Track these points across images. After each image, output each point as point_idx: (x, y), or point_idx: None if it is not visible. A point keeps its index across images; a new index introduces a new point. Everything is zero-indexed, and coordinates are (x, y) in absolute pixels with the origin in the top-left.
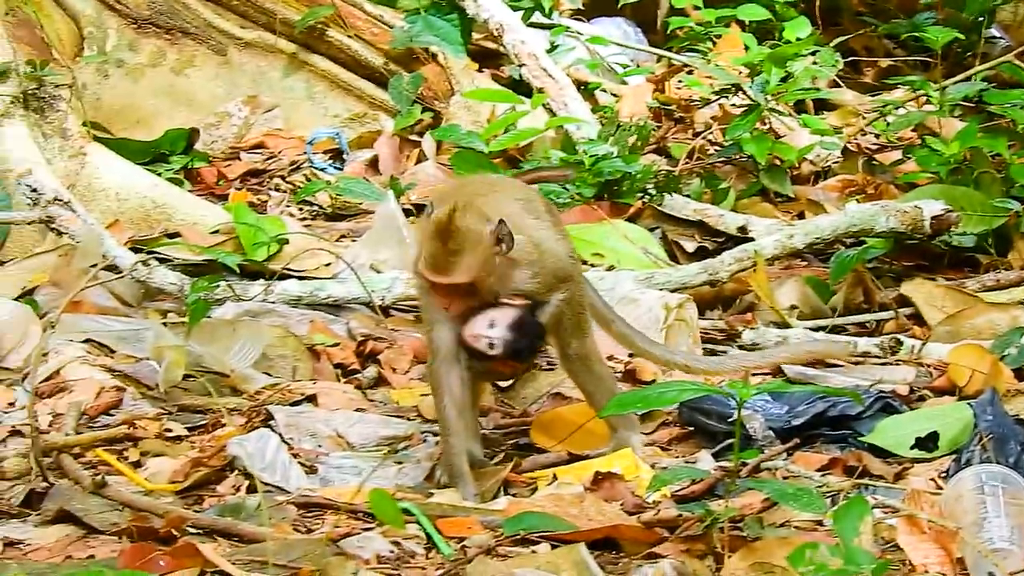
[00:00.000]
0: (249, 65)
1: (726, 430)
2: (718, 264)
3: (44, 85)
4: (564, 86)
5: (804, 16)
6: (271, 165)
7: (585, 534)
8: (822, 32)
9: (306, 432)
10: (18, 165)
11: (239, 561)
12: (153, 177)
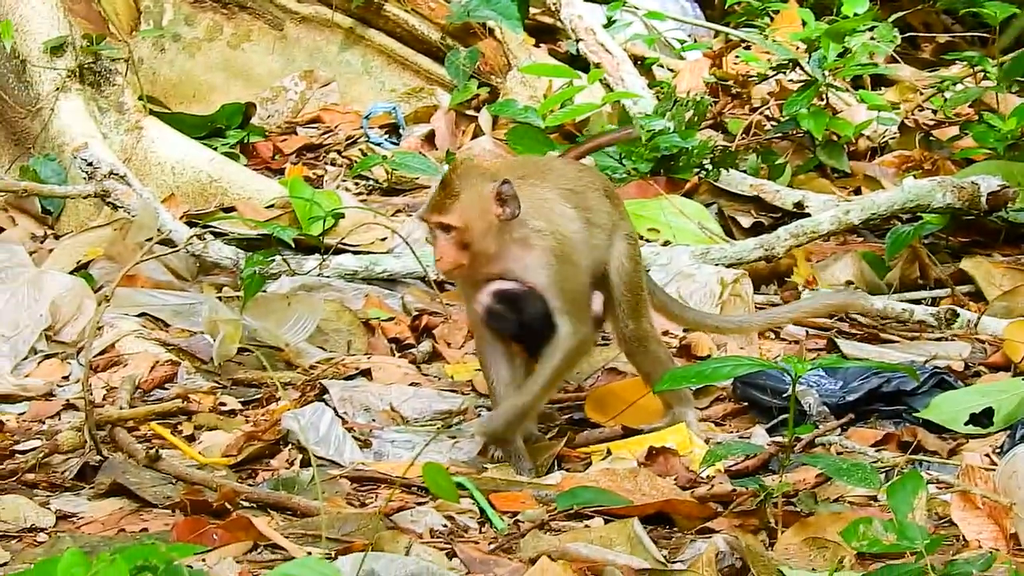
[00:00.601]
0: (306, 39)
1: (780, 405)
2: (774, 240)
3: (101, 59)
4: (621, 61)
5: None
6: (327, 139)
7: (638, 509)
8: (880, 7)
9: (360, 406)
10: (74, 139)
11: (292, 535)
12: (209, 151)
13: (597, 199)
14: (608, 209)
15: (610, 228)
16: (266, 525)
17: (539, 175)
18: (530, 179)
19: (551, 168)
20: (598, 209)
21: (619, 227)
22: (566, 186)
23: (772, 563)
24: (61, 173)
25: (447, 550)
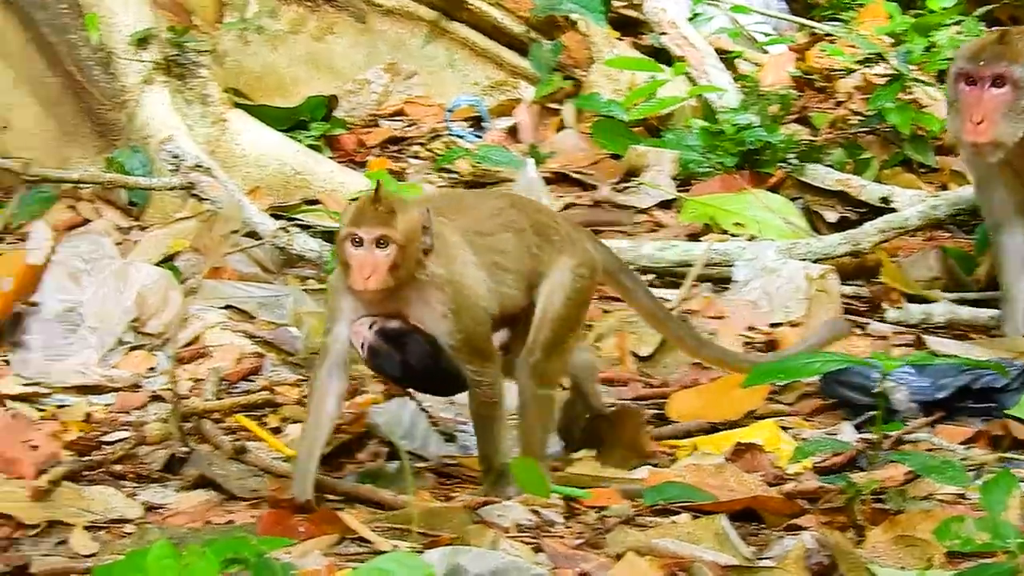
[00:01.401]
0: (389, 32)
1: (869, 402)
2: (860, 235)
3: (185, 51)
4: (705, 54)
5: None
6: (410, 132)
7: (725, 505)
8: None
9: (445, 401)
10: (159, 131)
11: (379, 528)
12: (293, 144)
13: (514, 240)
14: (533, 250)
15: (532, 268)
16: (353, 518)
17: (451, 212)
18: (440, 216)
19: (465, 206)
20: (514, 252)
21: (553, 264)
22: (475, 228)
23: (861, 561)
24: (147, 165)
25: (533, 544)
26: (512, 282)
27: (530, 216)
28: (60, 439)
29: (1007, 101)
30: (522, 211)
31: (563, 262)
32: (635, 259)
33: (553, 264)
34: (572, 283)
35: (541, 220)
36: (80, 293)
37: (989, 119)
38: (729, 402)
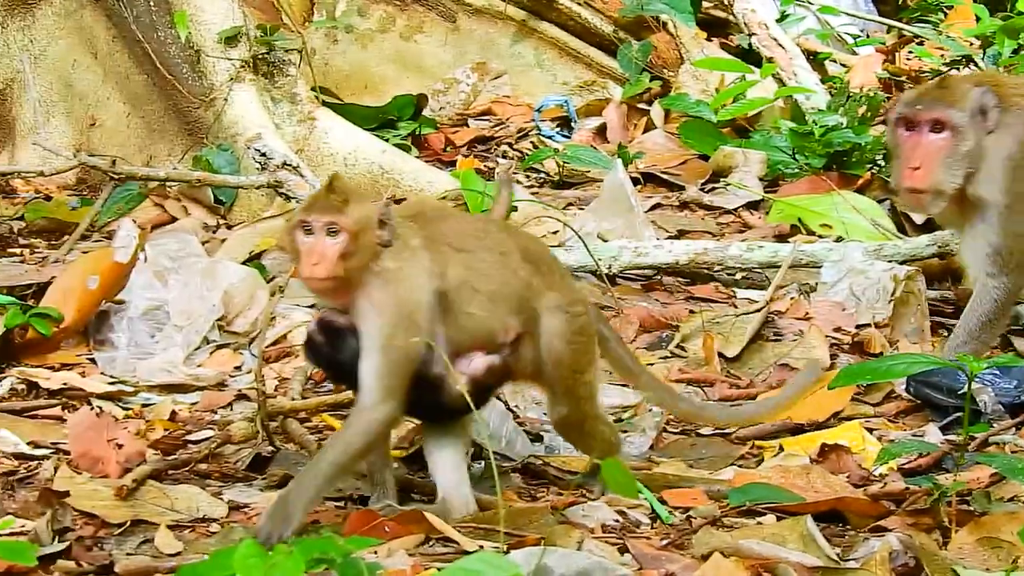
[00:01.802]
0: (478, 32)
1: (955, 404)
2: (948, 236)
3: (274, 50)
4: (794, 56)
5: None
6: (498, 132)
7: (811, 506)
8: None
9: (532, 401)
10: (247, 130)
11: (464, 528)
12: (381, 143)
13: (496, 261)
14: (520, 273)
15: (519, 293)
16: (438, 518)
17: (426, 221)
18: (410, 221)
19: (447, 219)
20: (495, 274)
21: (543, 296)
22: (450, 240)
23: (946, 562)
24: (234, 163)
25: (619, 545)
26: (485, 305)
27: (519, 242)
28: (145, 438)
29: (946, 147)
30: (512, 237)
31: (553, 298)
32: (722, 260)
33: (543, 296)
34: (569, 325)
35: (532, 248)
36: (166, 291)
37: (927, 165)
38: (815, 403)
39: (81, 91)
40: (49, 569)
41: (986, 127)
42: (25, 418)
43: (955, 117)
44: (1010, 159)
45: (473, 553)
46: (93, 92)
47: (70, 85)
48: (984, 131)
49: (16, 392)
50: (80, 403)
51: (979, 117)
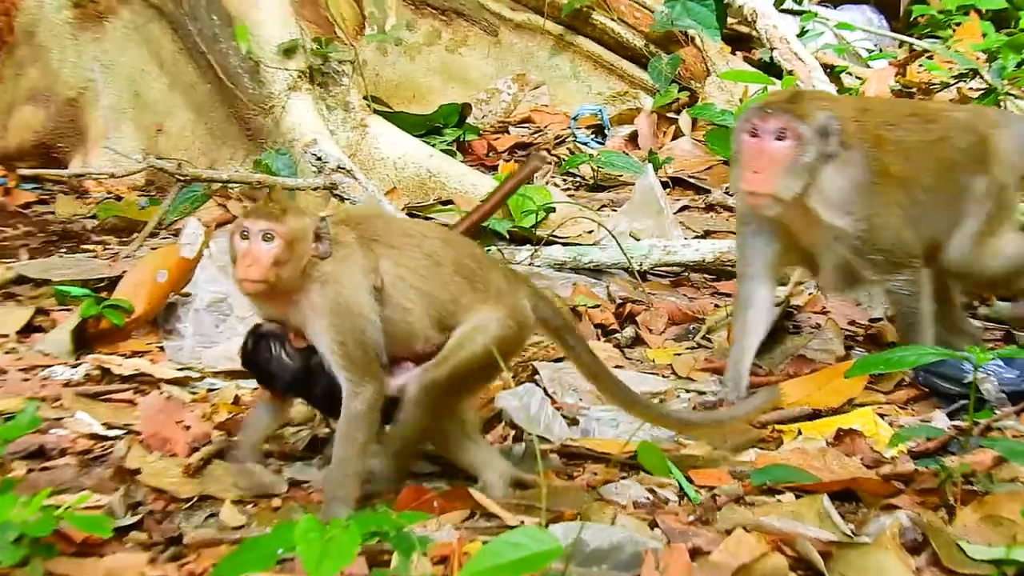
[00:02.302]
0: (518, 45)
1: (960, 392)
2: None
3: (329, 61)
4: (813, 68)
5: None
6: (537, 138)
7: (827, 485)
8: None
9: (568, 387)
10: (304, 135)
11: (507, 504)
12: (428, 148)
13: (429, 267)
14: (450, 286)
15: (445, 303)
16: (482, 495)
17: (365, 225)
18: (346, 226)
19: (388, 224)
20: (426, 275)
21: (472, 309)
22: (385, 240)
23: (952, 538)
24: (291, 166)
25: (649, 520)
26: (416, 302)
27: (456, 256)
28: (211, 420)
29: (788, 155)
30: (450, 248)
31: (486, 311)
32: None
33: (472, 310)
34: (497, 330)
35: (468, 264)
36: (229, 285)
37: (767, 171)
38: (831, 391)
39: (149, 99)
40: (123, 540)
41: (825, 150)
42: (100, 401)
43: (800, 128)
44: (855, 190)
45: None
46: (160, 100)
47: (138, 93)
48: (823, 152)
49: (91, 377)
50: (150, 388)
51: (822, 138)
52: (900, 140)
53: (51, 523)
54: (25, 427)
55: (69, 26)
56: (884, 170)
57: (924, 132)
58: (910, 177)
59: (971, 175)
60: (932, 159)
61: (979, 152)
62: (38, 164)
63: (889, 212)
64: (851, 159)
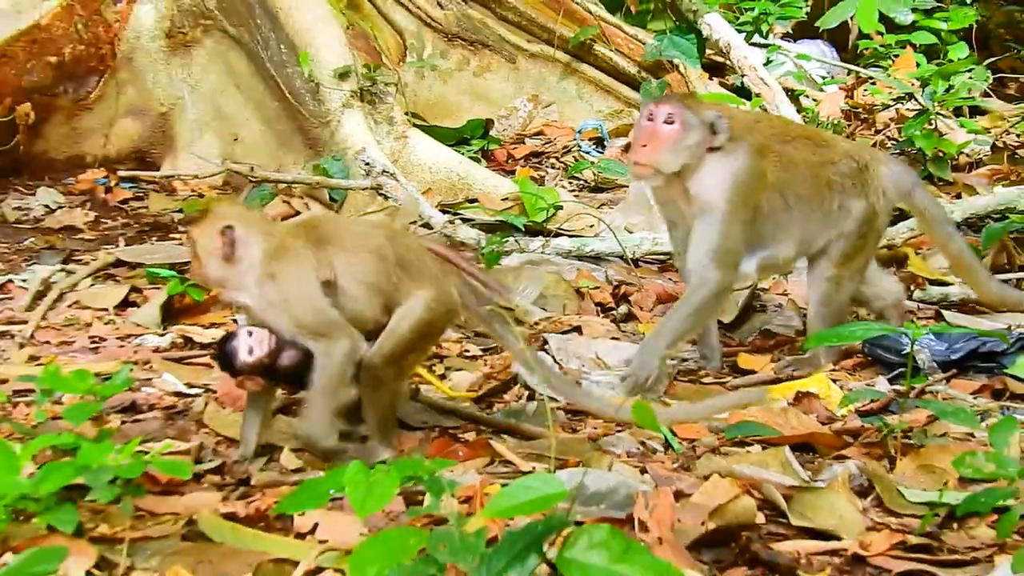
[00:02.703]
0: (533, 71)
1: (899, 361)
2: (894, 232)
3: (376, 83)
4: (776, 92)
5: (963, 42)
6: (548, 148)
7: (788, 439)
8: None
9: (573, 355)
10: (355, 144)
11: (520, 453)
12: (458, 156)
13: (374, 263)
14: (392, 277)
15: (389, 292)
16: (501, 446)
17: (317, 228)
18: (304, 227)
19: (338, 228)
20: (372, 271)
21: (410, 294)
22: (335, 243)
23: (893, 484)
24: (344, 171)
25: (640, 467)
26: (364, 293)
27: (397, 249)
28: None
29: (673, 136)
30: (393, 243)
31: (420, 294)
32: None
33: (410, 295)
34: (423, 312)
35: (407, 257)
36: None
37: (653, 147)
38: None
39: (227, 114)
40: (200, 482)
41: (711, 140)
42: (183, 365)
43: (686, 115)
44: (732, 177)
45: (528, 473)
46: (236, 114)
47: (218, 108)
48: (707, 142)
49: (176, 344)
50: None
51: (707, 129)
52: (785, 153)
53: (140, 467)
54: (120, 386)
55: (162, 53)
56: (761, 174)
57: (810, 153)
58: (785, 186)
59: (850, 198)
60: (812, 175)
61: (860, 179)
62: (134, 167)
63: (746, 210)
64: (734, 156)
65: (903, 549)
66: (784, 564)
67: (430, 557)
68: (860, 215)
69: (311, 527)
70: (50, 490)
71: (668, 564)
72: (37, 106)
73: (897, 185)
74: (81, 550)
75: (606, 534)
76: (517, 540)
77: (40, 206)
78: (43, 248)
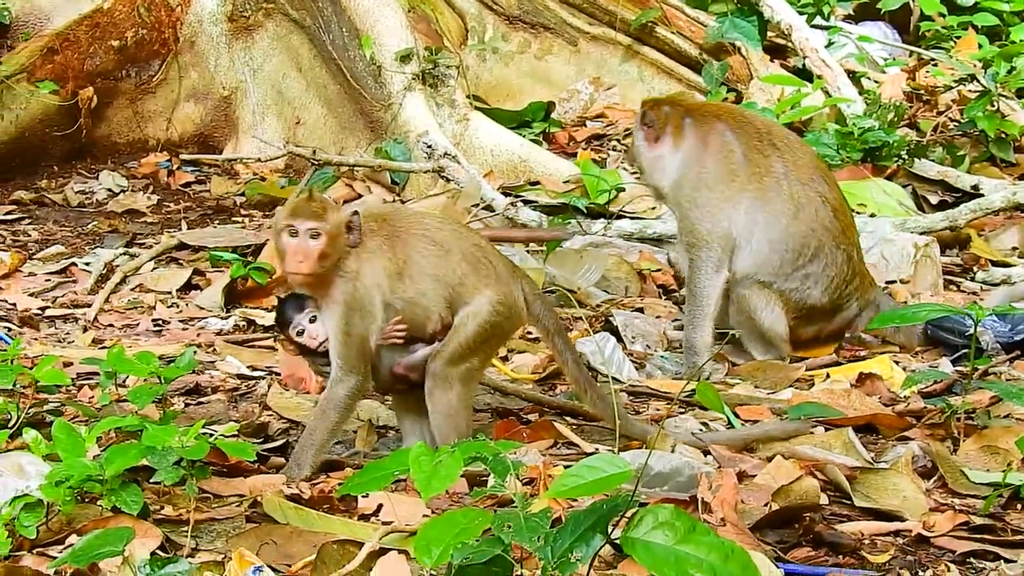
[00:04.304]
0: (594, 54)
1: (962, 343)
2: (957, 214)
3: (438, 66)
4: (838, 74)
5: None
6: (609, 131)
7: (851, 420)
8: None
9: (638, 334)
10: (417, 127)
11: (583, 435)
12: (519, 138)
13: (438, 257)
14: (457, 272)
15: (453, 286)
16: (564, 427)
17: (385, 222)
18: (371, 223)
19: (406, 219)
20: (437, 263)
21: (476, 292)
22: (400, 235)
23: (956, 465)
24: (406, 153)
25: (704, 448)
26: (430, 283)
27: (464, 246)
28: None
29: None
30: (460, 238)
31: (486, 294)
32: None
33: (476, 293)
34: (488, 315)
35: (475, 253)
36: None
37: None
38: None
39: (289, 97)
40: (265, 463)
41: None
42: (245, 347)
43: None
44: (684, 166)
45: (591, 454)
46: (298, 98)
47: (280, 92)
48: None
49: (239, 327)
50: None
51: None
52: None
53: (205, 449)
54: (184, 368)
55: (224, 37)
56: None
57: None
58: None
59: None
60: None
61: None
62: (197, 150)
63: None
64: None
65: (967, 530)
66: (847, 544)
67: (495, 537)
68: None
69: (375, 508)
70: (115, 472)
71: (733, 544)
72: (100, 90)
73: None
74: (146, 531)
75: (671, 514)
76: (582, 520)
77: (103, 190)
78: (106, 231)
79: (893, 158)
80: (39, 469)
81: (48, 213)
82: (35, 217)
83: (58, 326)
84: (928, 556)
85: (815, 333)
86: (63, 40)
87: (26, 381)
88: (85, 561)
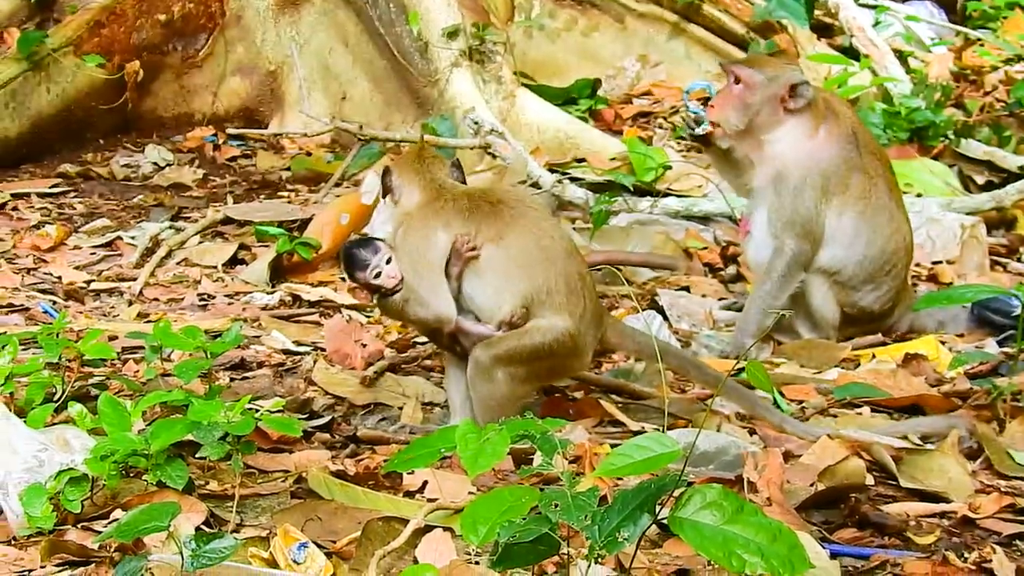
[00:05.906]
0: (641, 31)
1: (1009, 323)
2: (1003, 194)
3: (485, 42)
4: (885, 53)
5: None
6: (656, 108)
7: (897, 401)
8: None
9: (684, 312)
10: (464, 103)
11: (629, 413)
12: (566, 115)
13: (535, 254)
14: (550, 279)
15: (535, 290)
16: (611, 405)
17: (476, 212)
18: (471, 195)
19: (528, 216)
20: (529, 259)
21: (552, 312)
22: (491, 225)
23: (1002, 446)
24: (453, 130)
25: (749, 428)
26: (514, 273)
27: (569, 268)
28: (384, 339)
29: (737, 96)
30: (569, 259)
31: (564, 320)
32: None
33: (555, 314)
34: (552, 338)
35: (576, 281)
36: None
37: (719, 105)
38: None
39: (335, 72)
40: (310, 439)
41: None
42: (291, 322)
43: (746, 73)
44: (817, 151)
45: (638, 433)
46: (344, 73)
47: (327, 67)
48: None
49: (284, 302)
50: (333, 312)
51: (771, 83)
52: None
53: (250, 424)
54: (229, 343)
55: (271, 11)
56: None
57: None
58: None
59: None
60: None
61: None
62: (243, 125)
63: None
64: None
65: (1012, 512)
66: (893, 525)
67: (542, 516)
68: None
69: (420, 485)
70: (161, 447)
71: (780, 524)
72: (146, 64)
73: None
74: (191, 506)
75: (718, 494)
76: (630, 499)
77: (149, 164)
78: (152, 205)
79: (940, 138)
80: (84, 443)
81: (93, 187)
82: (81, 190)
83: (103, 300)
84: (973, 538)
85: (854, 333)
86: (110, 13)
87: (72, 355)
88: (130, 536)
